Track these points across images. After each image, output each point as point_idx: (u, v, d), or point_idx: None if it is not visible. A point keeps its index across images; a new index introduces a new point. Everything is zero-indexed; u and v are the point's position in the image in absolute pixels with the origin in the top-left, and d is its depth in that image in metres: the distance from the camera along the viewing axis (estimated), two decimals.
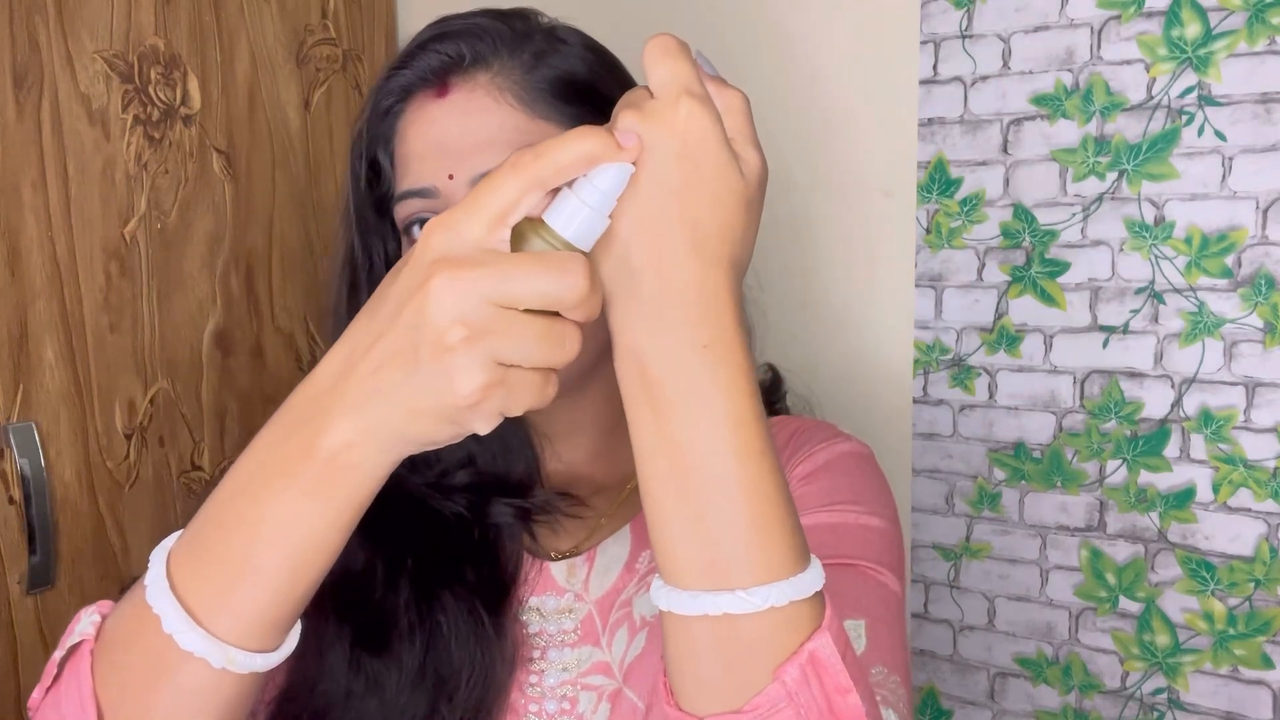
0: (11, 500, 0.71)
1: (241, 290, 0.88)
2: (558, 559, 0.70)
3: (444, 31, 0.66)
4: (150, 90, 0.79)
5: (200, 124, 0.83)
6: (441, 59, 0.65)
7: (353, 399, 0.42)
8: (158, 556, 0.47)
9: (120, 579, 0.80)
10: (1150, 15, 0.89)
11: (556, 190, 0.42)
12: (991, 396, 1.00)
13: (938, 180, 1.01)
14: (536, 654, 0.67)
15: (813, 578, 0.43)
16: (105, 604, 0.51)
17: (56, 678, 0.48)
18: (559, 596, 0.69)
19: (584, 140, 0.41)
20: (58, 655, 0.49)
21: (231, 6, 0.85)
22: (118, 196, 0.77)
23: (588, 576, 0.69)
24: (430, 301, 0.39)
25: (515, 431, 0.73)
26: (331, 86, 0.96)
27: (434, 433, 0.42)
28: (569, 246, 0.42)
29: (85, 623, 0.49)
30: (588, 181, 0.42)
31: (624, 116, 0.43)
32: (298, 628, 0.49)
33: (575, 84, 0.66)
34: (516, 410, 0.41)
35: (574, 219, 0.42)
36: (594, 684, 0.65)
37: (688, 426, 0.42)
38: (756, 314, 0.84)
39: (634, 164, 0.42)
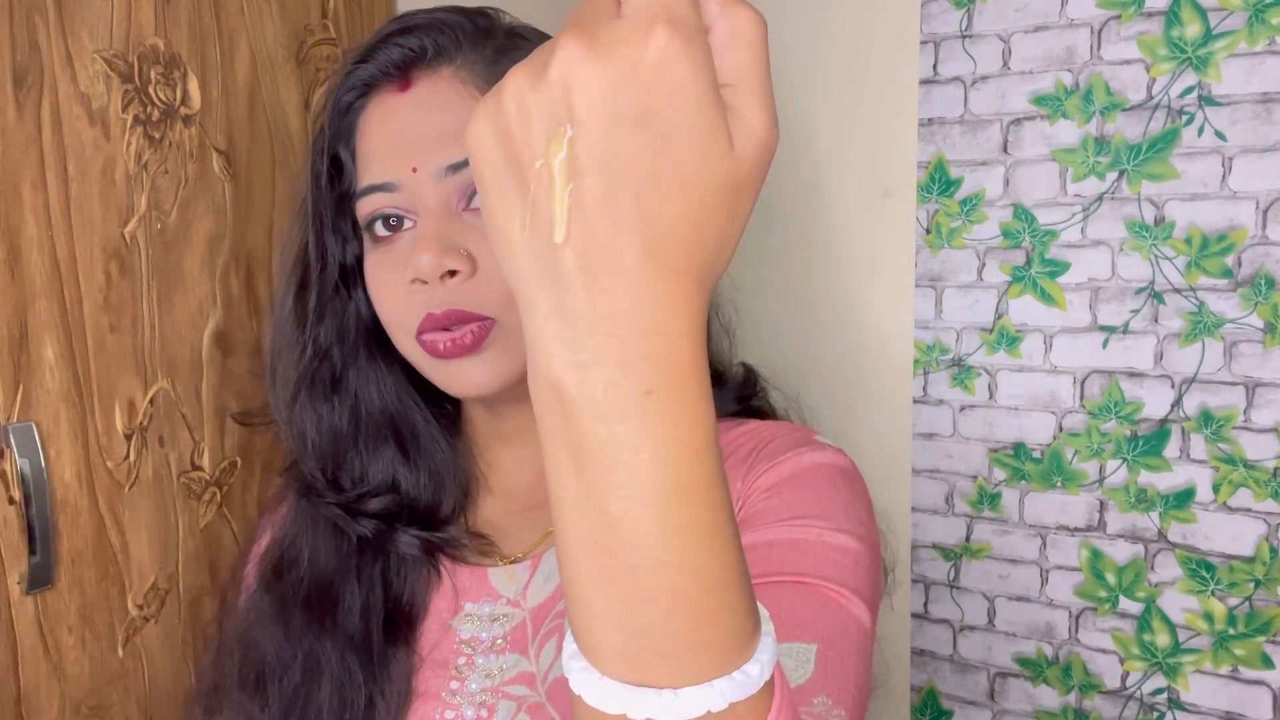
0: (11, 500, 0.71)
1: (241, 290, 0.88)
2: (502, 564, 0.69)
3: (406, 25, 0.65)
4: (150, 90, 0.79)
5: (200, 124, 0.83)
6: (404, 52, 0.64)
7: None
8: None
9: (120, 579, 0.80)
10: (1150, 15, 0.89)
11: None
12: (991, 396, 1.00)
13: (938, 180, 1.00)
14: (463, 660, 0.66)
15: (758, 668, 0.34)
16: None
17: None
18: (494, 602, 0.67)
19: None
20: None
21: (231, 6, 0.85)
22: (118, 196, 0.77)
23: (528, 583, 0.68)
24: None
25: (453, 466, 0.72)
26: None
27: None
28: None
29: None
30: None
31: (563, 41, 0.30)
32: None
33: None
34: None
35: None
36: (515, 693, 0.64)
37: (619, 493, 0.32)
38: (730, 312, 0.82)
39: (569, 125, 0.30)
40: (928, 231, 1.01)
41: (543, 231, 0.31)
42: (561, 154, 0.30)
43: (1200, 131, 0.88)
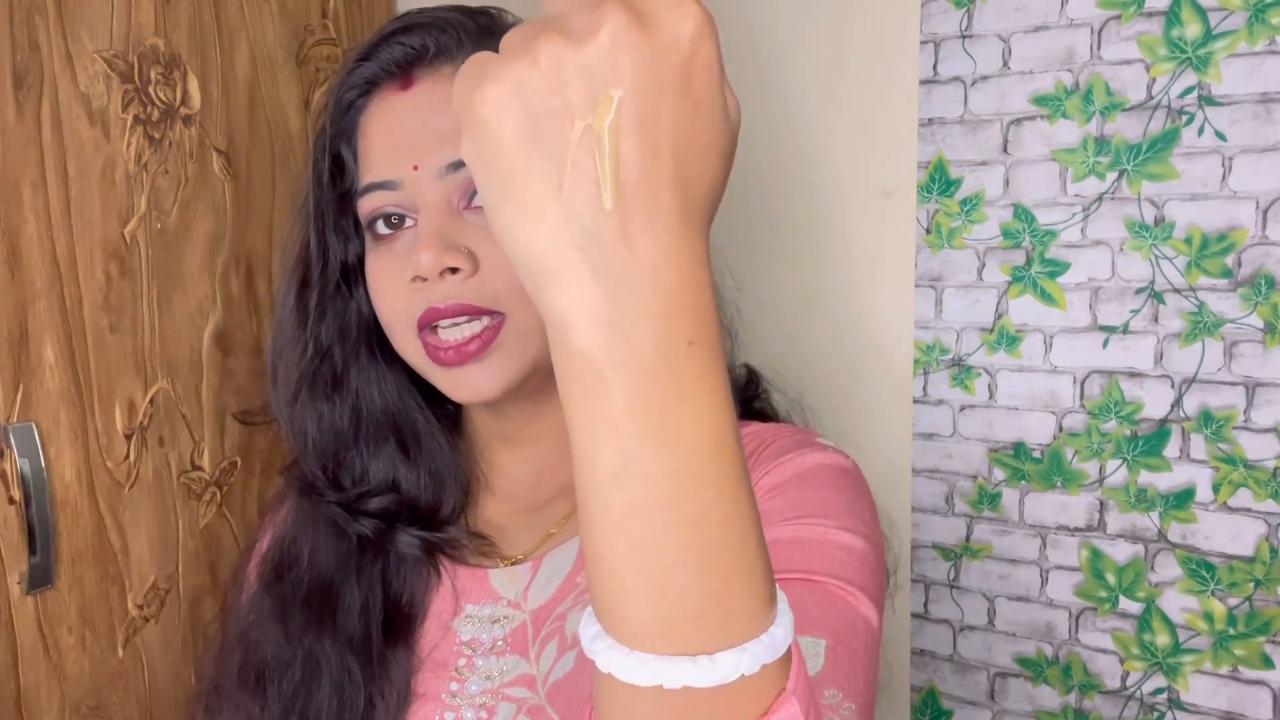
0: (11, 500, 0.71)
1: (241, 290, 0.88)
2: (503, 565, 0.69)
3: (408, 24, 0.65)
4: (150, 90, 0.79)
5: (200, 124, 0.83)
6: (406, 51, 0.65)
7: None
8: None
9: (120, 579, 0.80)
10: (1150, 15, 0.89)
11: None
12: (991, 396, 1.00)
13: (938, 180, 1.00)
14: (463, 661, 0.66)
15: (783, 630, 0.35)
16: None
17: None
18: (495, 604, 0.67)
19: None
20: None
21: (231, 6, 0.85)
22: (118, 196, 0.77)
23: (529, 585, 0.68)
24: None
25: (454, 466, 0.72)
26: None
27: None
28: None
29: None
30: None
31: (611, 10, 0.31)
32: None
33: None
34: None
35: None
36: (515, 695, 0.64)
37: (662, 451, 0.33)
38: (731, 313, 0.81)
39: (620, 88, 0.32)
40: (928, 231, 1.01)
41: (584, 193, 0.32)
42: (610, 116, 0.32)
43: (1200, 131, 0.88)
